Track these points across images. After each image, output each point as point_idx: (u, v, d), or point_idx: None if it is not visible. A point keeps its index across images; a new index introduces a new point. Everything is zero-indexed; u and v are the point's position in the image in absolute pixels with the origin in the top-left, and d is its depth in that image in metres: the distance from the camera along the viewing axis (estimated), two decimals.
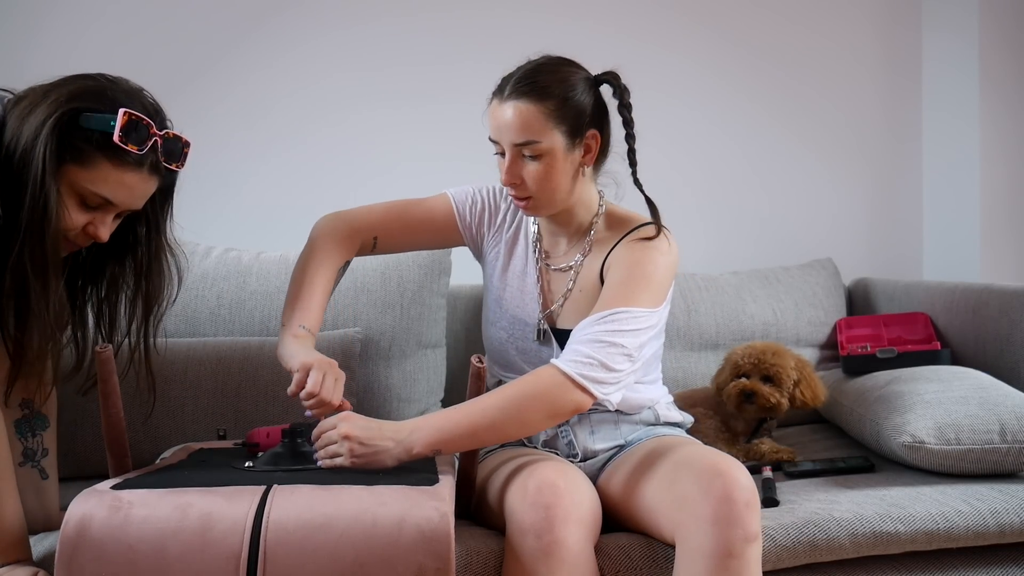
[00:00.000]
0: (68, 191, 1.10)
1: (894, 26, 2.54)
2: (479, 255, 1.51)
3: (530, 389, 1.20)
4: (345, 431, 1.14)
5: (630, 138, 1.34)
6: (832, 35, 2.49)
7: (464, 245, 1.50)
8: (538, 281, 1.42)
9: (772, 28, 2.45)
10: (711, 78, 2.41)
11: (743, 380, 1.72)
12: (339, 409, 1.22)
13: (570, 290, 1.39)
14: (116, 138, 1.08)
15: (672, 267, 1.32)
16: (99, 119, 1.09)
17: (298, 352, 1.23)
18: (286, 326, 1.30)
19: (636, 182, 1.34)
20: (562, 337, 1.38)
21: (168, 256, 1.29)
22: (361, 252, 1.45)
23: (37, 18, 2.03)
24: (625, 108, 1.34)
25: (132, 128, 1.10)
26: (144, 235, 1.27)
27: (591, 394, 1.20)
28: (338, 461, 1.14)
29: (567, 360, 1.21)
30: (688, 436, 1.43)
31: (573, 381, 1.19)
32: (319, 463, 1.16)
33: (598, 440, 1.39)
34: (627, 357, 1.22)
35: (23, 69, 1.96)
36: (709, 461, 1.15)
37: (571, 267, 1.40)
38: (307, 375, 1.20)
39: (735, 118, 2.43)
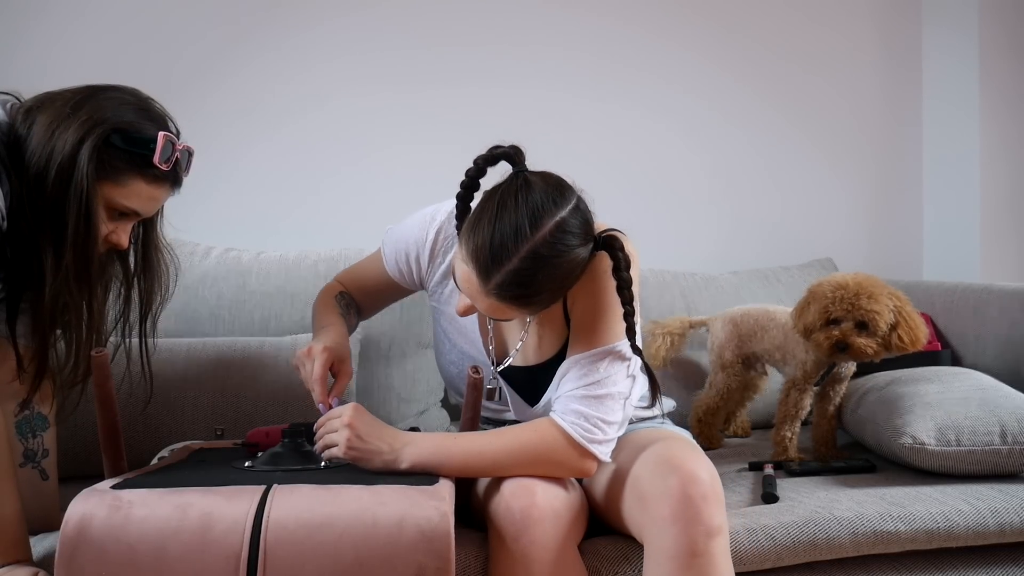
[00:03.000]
0: (101, 206, 1.16)
1: (894, 25, 2.54)
2: (425, 287, 1.41)
3: (537, 448, 1.15)
4: (349, 420, 1.14)
5: (628, 314, 1.15)
6: (832, 35, 2.50)
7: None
8: (486, 323, 1.32)
9: (772, 31, 2.46)
10: (711, 79, 2.41)
11: (834, 330, 1.57)
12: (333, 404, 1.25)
13: (527, 331, 1.29)
14: (156, 160, 1.15)
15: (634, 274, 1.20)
16: (139, 141, 1.15)
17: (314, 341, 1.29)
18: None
19: (636, 350, 1.17)
20: (520, 376, 1.32)
21: (159, 254, 1.32)
22: (358, 311, 1.47)
23: (27, 16, 2.02)
24: (623, 282, 1.13)
25: (166, 148, 1.17)
26: (138, 233, 1.30)
27: (597, 459, 1.17)
28: (334, 451, 1.14)
29: (570, 422, 1.15)
30: (658, 426, 1.37)
31: (584, 450, 1.15)
32: (315, 447, 1.16)
33: None
34: (623, 401, 1.18)
35: (15, 68, 1.99)
36: (663, 456, 1.12)
37: None
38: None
39: (735, 118, 2.43)
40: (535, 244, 1.06)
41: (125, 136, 1.14)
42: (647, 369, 1.22)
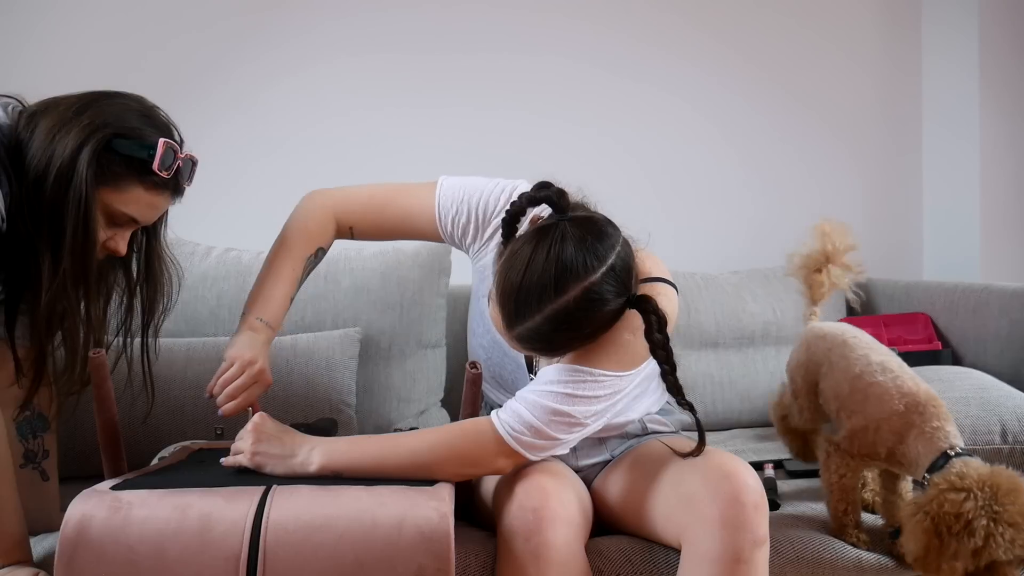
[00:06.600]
0: (99, 212, 1.15)
1: (894, 24, 2.54)
2: (466, 252, 1.38)
3: (454, 443, 1.13)
4: (253, 424, 1.14)
5: (666, 373, 1.09)
6: (832, 34, 2.49)
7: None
8: None
9: (771, 28, 2.45)
10: (711, 77, 2.41)
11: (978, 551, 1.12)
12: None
13: None
14: (156, 166, 1.14)
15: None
16: (139, 147, 1.14)
17: (235, 343, 1.25)
18: (245, 315, 1.28)
19: (687, 405, 1.12)
20: None
21: (162, 263, 1.31)
22: (339, 237, 1.39)
23: (29, 16, 2.02)
24: (655, 344, 1.08)
25: (167, 156, 1.16)
26: (141, 242, 1.29)
27: (521, 458, 1.14)
28: (240, 459, 1.13)
29: (506, 421, 1.12)
30: (685, 435, 1.37)
31: (504, 447, 1.12)
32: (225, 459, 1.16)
33: (581, 457, 1.34)
34: (573, 426, 1.12)
35: (15, 69, 1.99)
36: (715, 461, 1.12)
37: None
38: (229, 368, 1.22)
39: (734, 117, 2.43)
40: (557, 308, 1.04)
41: (125, 142, 1.13)
42: (694, 415, 1.15)
